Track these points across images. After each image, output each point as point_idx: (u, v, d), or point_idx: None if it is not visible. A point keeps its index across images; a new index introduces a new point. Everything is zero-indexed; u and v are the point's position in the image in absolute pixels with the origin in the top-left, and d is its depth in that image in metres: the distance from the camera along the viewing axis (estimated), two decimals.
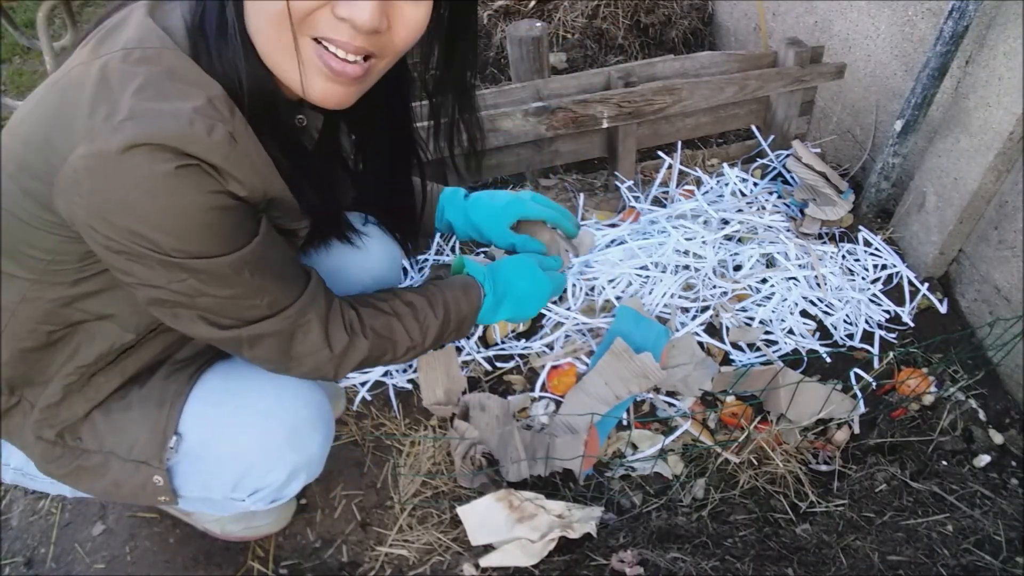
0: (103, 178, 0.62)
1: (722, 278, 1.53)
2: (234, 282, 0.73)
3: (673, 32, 2.49)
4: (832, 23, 1.89)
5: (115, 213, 0.64)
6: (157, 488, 0.88)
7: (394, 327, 0.95)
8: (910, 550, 1.07)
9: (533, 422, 1.32)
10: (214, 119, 0.64)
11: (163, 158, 0.62)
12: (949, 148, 1.46)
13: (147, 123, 0.61)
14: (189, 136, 0.62)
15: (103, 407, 0.88)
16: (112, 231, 0.65)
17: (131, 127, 0.61)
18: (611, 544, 1.13)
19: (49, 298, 0.77)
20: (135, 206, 0.64)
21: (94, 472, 0.88)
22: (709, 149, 1.91)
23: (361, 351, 0.90)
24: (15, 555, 1.24)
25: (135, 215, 0.64)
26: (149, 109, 0.62)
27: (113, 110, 0.62)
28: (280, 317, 0.79)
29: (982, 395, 1.38)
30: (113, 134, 0.61)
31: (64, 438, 0.87)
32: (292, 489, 0.95)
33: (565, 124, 1.60)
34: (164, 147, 0.62)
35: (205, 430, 0.89)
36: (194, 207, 0.66)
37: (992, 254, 1.44)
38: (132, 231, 0.65)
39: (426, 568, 1.16)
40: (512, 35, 1.73)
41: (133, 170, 0.62)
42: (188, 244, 0.67)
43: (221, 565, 1.20)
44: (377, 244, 1.17)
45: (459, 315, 1.02)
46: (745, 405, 1.31)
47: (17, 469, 0.93)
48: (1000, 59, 1.29)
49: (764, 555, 1.09)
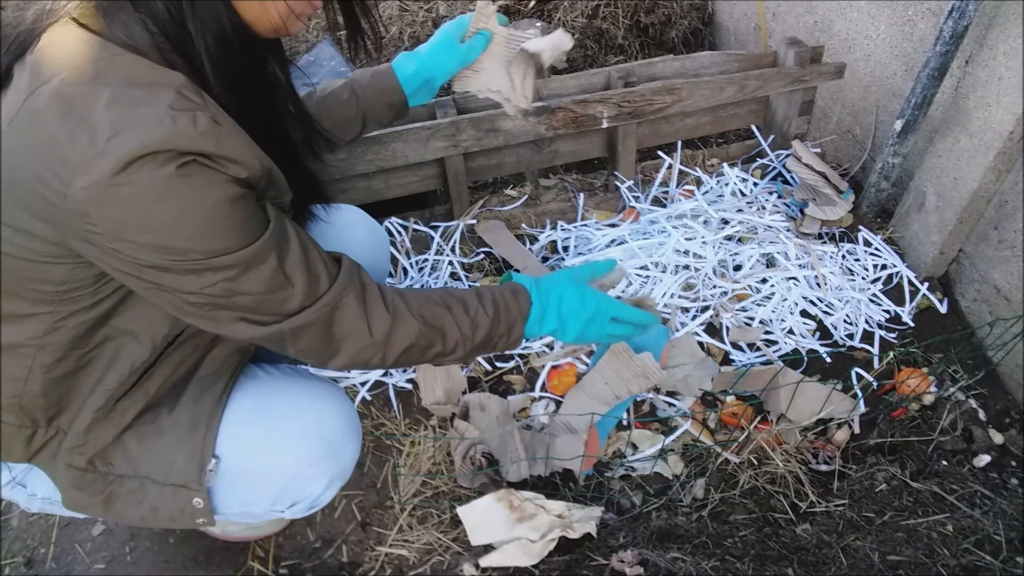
0: (111, 202, 0.62)
1: (722, 278, 1.54)
2: (264, 273, 0.72)
3: (673, 32, 2.49)
4: (832, 23, 1.89)
5: (133, 232, 0.64)
6: (197, 510, 0.88)
7: (442, 316, 0.90)
8: (910, 550, 1.07)
9: (533, 422, 1.32)
10: (192, 108, 0.64)
11: (161, 163, 0.62)
12: (949, 148, 1.46)
13: (132, 135, 0.61)
14: (176, 133, 0.62)
15: (135, 432, 0.87)
16: (135, 250, 0.66)
17: (118, 144, 0.60)
18: (611, 544, 1.13)
19: (73, 324, 0.78)
20: (150, 219, 0.64)
21: (129, 497, 0.87)
22: (709, 149, 1.91)
23: (408, 334, 0.86)
24: (15, 555, 1.24)
25: (152, 228, 0.64)
26: (128, 121, 0.61)
27: (93, 134, 0.61)
28: (318, 305, 0.78)
29: (982, 395, 1.38)
30: (103, 157, 0.60)
31: (95, 464, 0.86)
32: (328, 496, 0.96)
33: (565, 124, 1.60)
34: (158, 153, 0.61)
35: (243, 451, 0.89)
36: (206, 203, 0.65)
37: (992, 254, 1.44)
38: (155, 245, 0.65)
39: (426, 568, 1.16)
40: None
41: (136, 184, 0.62)
42: (210, 243, 0.67)
43: (221, 565, 1.20)
44: (358, 232, 1.16)
45: (509, 317, 0.96)
46: (745, 405, 1.31)
47: (45, 499, 0.92)
48: (1000, 59, 1.29)
49: (764, 555, 1.09)
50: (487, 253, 1.67)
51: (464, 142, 1.56)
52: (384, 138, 1.50)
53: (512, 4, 2.46)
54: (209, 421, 0.88)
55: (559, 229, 1.73)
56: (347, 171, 1.51)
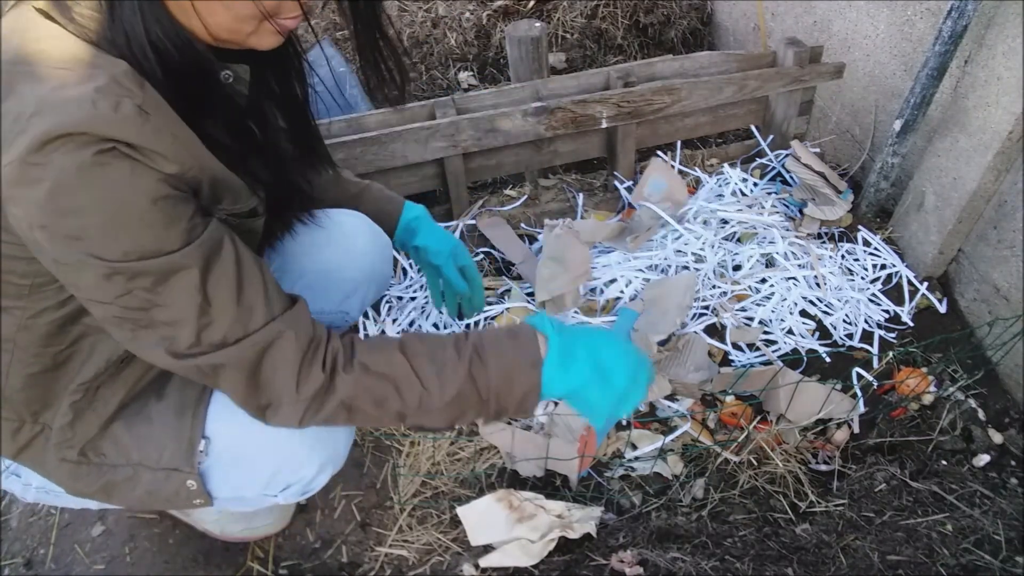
0: (28, 182, 0.60)
1: (722, 278, 1.54)
2: (183, 290, 0.67)
3: (672, 32, 2.49)
4: (831, 23, 1.89)
5: (48, 217, 0.62)
6: (191, 492, 0.89)
7: (395, 363, 0.77)
8: (910, 550, 1.07)
9: (533, 422, 1.32)
10: (119, 95, 0.61)
11: (77, 146, 0.59)
12: (948, 148, 1.46)
13: (53, 115, 0.59)
14: (95, 117, 0.59)
15: (124, 422, 0.88)
16: (51, 240, 0.63)
17: (37, 123, 0.59)
18: (611, 544, 1.13)
19: (45, 321, 0.77)
20: (64, 205, 0.61)
21: (124, 485, 0.88)
22: (708, 149, 1.91)
23: (340, 392, 0.76)
24: (15, 556, 1.24)
25: (67, 216, 0.61)
26: (52, 99, 0.60)
27: (21, 110, 0.60)
28: (245, 342, 0.71)
29: (981, 394, 1.38)
30: (23, 135, 0.59)
31: (87, 456, 0.87)
32: (321, 480, 0.96)
33: (564, 124, 1.60)
34: (74, 135, 0.59)
35: (233, 433, 0.89)
36: (122, 196, 0.62)
37: (991, 253, 1.44)
38: (68, 236, 0.63)
39: (426, 568, 1.16)
40: (511, 35, 1.73)
41: (52, 166, 0.59)
42: (125, 241, 0.63)
43: (221, 566, 1.20)
44: (360, 237, 1.16)
45: (502, 365, 0.78)
46: (745, 405, 1.31)
47: (40, 487, 0.93)
48: (999, 59, 1.29)
49: (764, 555, 1.09)
50: (487, 253, 1.67)
51: (463, 142, 1.56)
52: (383, 139, 1.50)
53: (511, 4, 2.46)
54: (196, 406, 0.88)
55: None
56: None
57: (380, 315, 1.52)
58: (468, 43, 2.45)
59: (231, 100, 0.78)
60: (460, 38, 2.45)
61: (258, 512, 1.20)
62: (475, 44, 2.46)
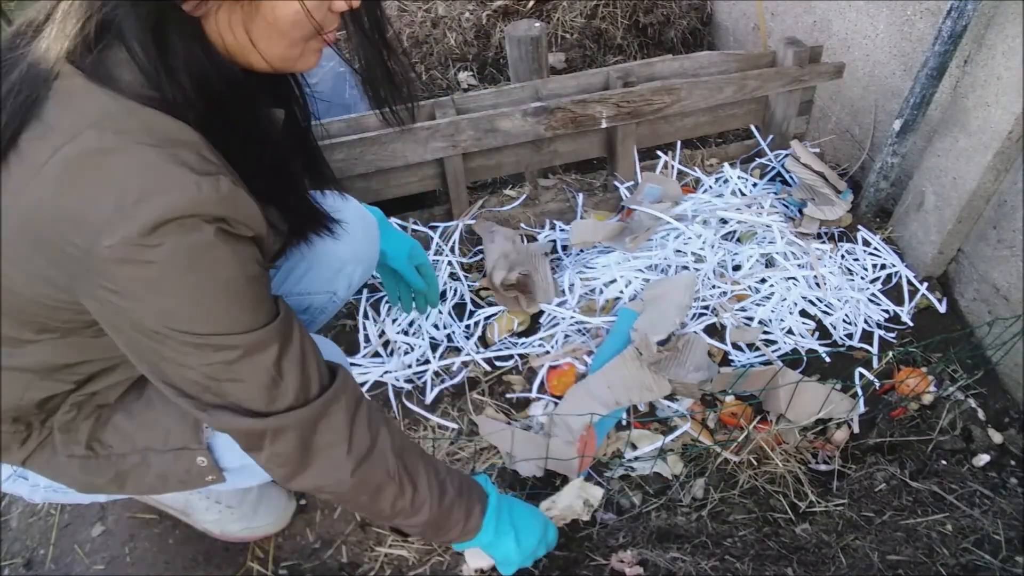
0: (133, 263, 0.62)
1: (721, 278, 1.54)
2: (262, 363, 0.71)
3: (672, 32, 2.49)
4: (831, 23, 1.89)
5: (147, 295, 0.64)
6: (202, 469, 0.90)
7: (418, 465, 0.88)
8: (910, 549, 1.07)
9: (532, 422, 1.32)
10: (213, 172, 0.64)
11: (189, 228, 0.62)
12: (948, 147, 1.46)
13: (159, 199, 0.60)
14: (203, 199, 0.62)
15: (124, 411, 0.89)
16: (144, 314, 0.65)
17: (146, 208, 0.60)
18: (611, 544, 1.13)
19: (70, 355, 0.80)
20: (167, 284, 0.63)
21: (135, 472, 0.89)
22: (708, 149, 1.91)
23: (383, 464, 0.83)
24: (14, 556, 1.24)
25: (167, 293, 0.64)
26: (155, 185, 0.61)
27: (122, 196, 0.60)
28: (305, 408, 0.75)
29: (981, 394, 1.38)
30: (131, 220, 0.60)
31: (94, 449, 0.88)
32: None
33: (564, 124, 1.60)
34: (184, 218, 0.61)
35: None
36: (224, 276, 0.65)
37: (991, 253, 1.44)
38: (164, 311, 0.65)
39: (425, 568, 1.16)
40: (511, 35, 1.73)
41: (162, 248, 0.61)
42: (219, 319, 0.67)
43: (221, 566, 1.20)
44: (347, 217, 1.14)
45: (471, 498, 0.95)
46: (745, 405, 1.31)
47: (48, 487, 0.93)
48: (999, 58, 1.29)
49: (764, 555, 1.09)
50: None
51: (463, 142, 1.56)
52: (383, 139, 1.50)
53: (511, 4, 2.46)
54: None
55: (558, 229, 1.73)
56: (346, 172, 1.51)
57: (380, 315, 1.52)
58: (468, 43, 2.45)
59: (273, 138, 0.80)
60: (460, 38, 2.45)
61: (258, 511, 1.20)
62: (475, 44, 2.46)
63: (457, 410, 1.37)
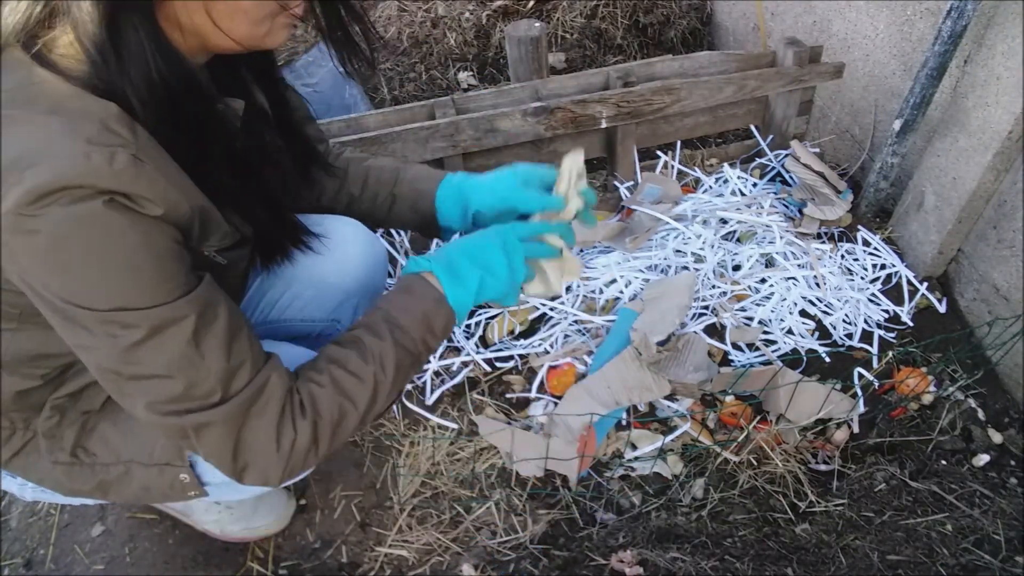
0: (20, 234, 0.60)
1: (721, 278, 1.54)
2: (175, 343, 0.67)
3: (672, 32, 2.49)
4: (831, 23, 1.89)
5: (40, 268, 0.62)
6: (185, 485, 0.90)
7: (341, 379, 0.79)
8: (909, 549, 1.07)
9: (532, 422, 1.32)
10: (112, 144, 0.61)
11: (74, 199, 0.59)
12: (948, 147, 1.46)
13: (45, 167, 0.58)
14: (90, 170, 0.59)
15: (110, 420, 0.88)
16: (44, 289, 0.63)
17: (31, 175, 0.58)
18: (611, 544, 1.13)
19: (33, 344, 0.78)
20: (56, 257, 0.61)
21: (118, 483, 0.89)
22: (708, 149, 1.91)
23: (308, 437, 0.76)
24: (14, 556, 1.24)
25: (58, 267, 0.62)
26: (44, 154, 0.59)
27: (11, 164, 0.59)
28: (234, 401, 0.70)
29: (981, 394, 1.38)
30: (17, 187, 0.58)
31: (79, 456, 0.87)
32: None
33: (564, 124, 1.60)
34: (69, 188, 0.59)
35: None
36: (121, 247, 0.62)
37: (991, 253, 1.44)
38: (60, 287, 0.63)
39: (425, 568, 1.16)
40: (511, 35, 1.73)
41: (46, 219, 0.59)
42: (117, 293, 0.64)
43: (220, 566, 1.20)
44: (354, 246, 1.11)
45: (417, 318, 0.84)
46: (745, 405, 1.31)
47: (36, 487, 0.93)
48: (999, 58, 1.29)
49: (763, 555, 1.09)
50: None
51: (463, 142, 1.56)
52: (383, 139, 1.50)
53: (511, 4, 2.46)
54: None
55: None
56: None
57: None
58: (468, 43, 2.45)
59: (227, 132, 0.77)
60: (460, 38, 2.45)
61: (258, 511, 1.20)
62: (475, 44, 2.45)
63: (457, 410, 1.37)
